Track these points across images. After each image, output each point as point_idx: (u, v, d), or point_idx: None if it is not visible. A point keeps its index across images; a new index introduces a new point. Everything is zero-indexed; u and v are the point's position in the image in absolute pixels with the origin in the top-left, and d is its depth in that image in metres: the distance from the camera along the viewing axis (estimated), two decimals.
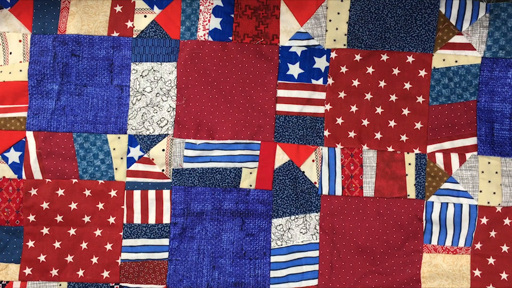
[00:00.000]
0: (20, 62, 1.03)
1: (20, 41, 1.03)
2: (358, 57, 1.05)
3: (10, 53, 1.03)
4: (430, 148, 1.04)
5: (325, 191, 1.05)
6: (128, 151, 1.04)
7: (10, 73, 1.03)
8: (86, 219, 1.04)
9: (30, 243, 1.03)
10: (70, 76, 1.04)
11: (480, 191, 1.03)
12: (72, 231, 1.04)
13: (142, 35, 1.04)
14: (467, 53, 1.04)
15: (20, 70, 1.03)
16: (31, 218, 1.03)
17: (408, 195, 1.04)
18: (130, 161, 1.04)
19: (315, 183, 1.05)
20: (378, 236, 1.04)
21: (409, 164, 1.04)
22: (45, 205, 1.03)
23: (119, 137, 1.04)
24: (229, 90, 1.05)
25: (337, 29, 1.05)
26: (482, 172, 1.03)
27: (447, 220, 1.03)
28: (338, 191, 1.05)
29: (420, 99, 1.05)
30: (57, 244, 1.03)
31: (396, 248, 1.03)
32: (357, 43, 1.05)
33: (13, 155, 1.03)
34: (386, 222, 1.04)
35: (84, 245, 1.03)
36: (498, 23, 1.02)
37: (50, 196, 1.03)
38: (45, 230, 1.03)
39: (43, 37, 1.03)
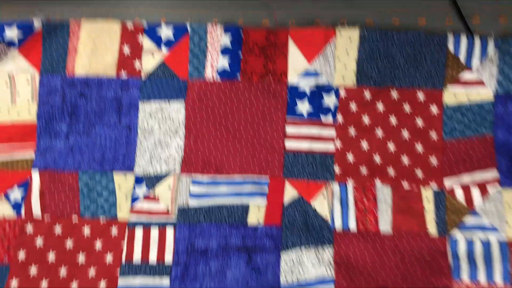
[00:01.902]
0: (29, 102, 1.03)
1: (28, 81, 1.03)
2: (367, 95, 1.04)
3: (18, 93, 1.03)
4: (448, 182, 1.02)
5: (338, 226, 1.01)
6: (134, 189, 1.02)
7: (18, 114, 1.02)
8: (81, 257, 1.00)
9: (15, 282, 0.98)
10: (79, 116, 1.03)
11: (508, 224, 0.99)
12: (63, 270, 1.00)
13: (150, 75, 1.04)
14: (479, 89, 1.03)
15: (29, 111, 1.02)
16: (21, 254, 0.99)
17: (428, 231, 1.00)
18: (135, 199, 1.02)
19: (327, 218, 1.02)
20: (399, 273, 0.99)
21: (427, 198, 1.01)
22: (39, 242, 1.00)
23: (125, 176, 1.03)
24: (238, 127, 1.04)
25: (346, 66, 1.04)
26: (507, 204, 1.00)
27: (475, 256, 0.98)
28: (352, 226, 1.01)
29: (433, 135, 1.03)
30: (44, 284, 0.99)
31: (421, 285, 0.98)
32: (366, 80, 1.04)
33: (16, 194, 1.01)
34: (407, 259, 0.99)
35: (75, 286, 0.99)
36: (508, 59, 1.02)
37: (46, 232, 1.00)
38: (34, 268, 0.99)
39: (52, 78, 1.03)
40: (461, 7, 1.07)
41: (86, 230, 1.01)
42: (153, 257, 1.00)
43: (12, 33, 1.00)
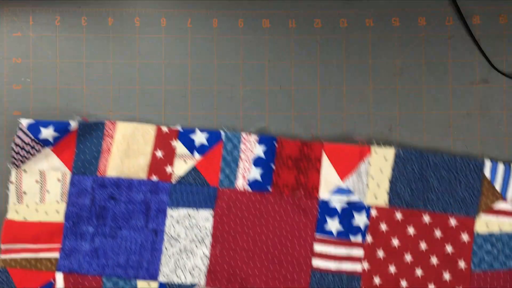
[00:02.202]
0: (57, 202, 1.02)
1: (58, 180, 1.02)
2: (399, 216, 1.03)
3: (48, 191, 1.02)
4: None
5: None
6: None
7: (46, 213, 1.02)
8: None
9: None
10: (106, 218, 1.02)
11: None
12: None
13: (181, 181, 1.03)
14: (511, 220, 1.01)
15: (57, 211, 1.02)
16: None
17: None
18: None
19: None
20: None
21: None
22: None
23: (149, 284, 1.01)
24: (265, 241, 1.03)
25: (379, 185, 1.03)
26: None
27: None
28: None
29: (462, 264, 1.01)
30: None
31: None
32: (399, 201, 1.03)
33: None
34: None
35: None
36: None
37: None
38: None
39: (83, 178, 1.02)
40: (461, 7, 1.06)
41: None
42: None
43: (48, 133, 1.00)
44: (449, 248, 1.02)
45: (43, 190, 1.02)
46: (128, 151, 1.03)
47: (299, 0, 1.09)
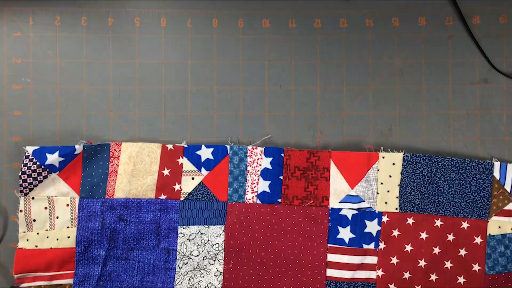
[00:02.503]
0: (68, 228, 1.02)
1: (67, 205, 1.02)
2: (410, 221, 1.02)
3: (57, 217, 1.02)
4: None
5: None
6: None
7: (57, 239, 1.01)
8: None
9: None
10: (117, 241, 1.02)
11: None
12: None
13: (190, 198, 1.03)
14: None
15: (68, 237, 1.01)
16: None
17: None
18: None
19: None
20: None
21: None
22: None
23: None
24: (278, 254, 1.03)
25: (388, 191, 1.02)
26: None
27: None
28: None
29: (476, 267, 1.01)
30: None
31: None
32: (410, 206, 1.02)
33: None
34: None
35: None
36: None
37: None
38: None
39: (91, 202, 1.02)
40: (461, 7, 1.06)
41: None
42: None
43: (53, 158, 0.99)
44: (462, 252, 1.02)
45: (52, 217, 1.02)
46: (135, 172, 1.03)
47: (299, 0, 1.07)
